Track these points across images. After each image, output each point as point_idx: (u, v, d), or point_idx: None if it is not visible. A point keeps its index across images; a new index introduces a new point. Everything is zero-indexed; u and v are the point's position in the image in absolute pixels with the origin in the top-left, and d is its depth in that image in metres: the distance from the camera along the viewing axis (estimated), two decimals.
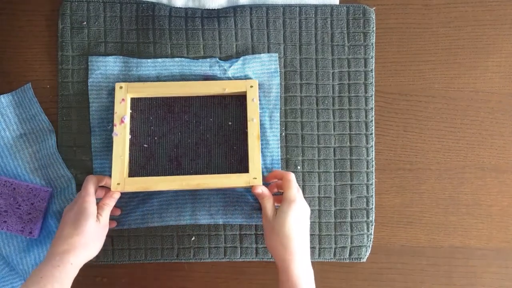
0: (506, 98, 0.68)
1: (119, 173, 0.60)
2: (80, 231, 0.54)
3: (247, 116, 0.62)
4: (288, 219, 0.56)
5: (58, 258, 0.53)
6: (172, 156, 0.64)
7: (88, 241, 0.55)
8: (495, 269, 0.68)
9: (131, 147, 0.64)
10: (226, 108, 0.65)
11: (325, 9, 0.66)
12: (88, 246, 0.55)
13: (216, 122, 0.65)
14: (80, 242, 0.54)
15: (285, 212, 0.56)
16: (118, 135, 0.62)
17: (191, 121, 0.65)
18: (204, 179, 0.61)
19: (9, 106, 0.64)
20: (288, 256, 0.55)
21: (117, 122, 0.62)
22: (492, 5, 0.67)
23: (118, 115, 0.62)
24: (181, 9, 0.66)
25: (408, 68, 0.68)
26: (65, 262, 0.53)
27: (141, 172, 0.64)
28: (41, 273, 0.51)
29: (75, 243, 0.54)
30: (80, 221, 0.55)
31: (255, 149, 0.61)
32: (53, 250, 0.54)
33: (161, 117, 0.65)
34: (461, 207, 0.68)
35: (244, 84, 0.63)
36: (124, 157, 0.61)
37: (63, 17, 0.65)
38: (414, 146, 0.68)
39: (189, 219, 0.65)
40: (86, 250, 0.55)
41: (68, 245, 0.54)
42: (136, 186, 0.60)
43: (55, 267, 0.52)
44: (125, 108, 0.62)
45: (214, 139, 0.65)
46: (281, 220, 0.56)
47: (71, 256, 0.53)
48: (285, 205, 0.57)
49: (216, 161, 0.64)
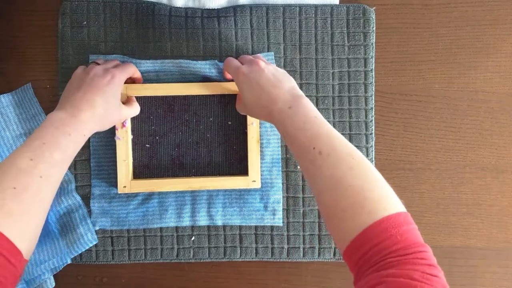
0: (506, 98, 0.68)
1: (124, 176, 0.62)
2: (107, 107, 0.51)
3: (247, 120, 0.63)
4: (245, 90, 0.53)
5: (71, 125, 0.48)
6: (174, 155, 0.65)
7: (106, 119, 0.52)
8: (495, 269, 0.68)
9: (133, 147, 0.64)
10: (226, 107, 0.65)
11: (325, 9, 0.66)
12: (103, 124, 0.52)
13: (216, 122, 0.66)
14: (102, 116, 0.51)
15: (239, 86, 0.54)
16: (120, 139, 0.62)
17: (191, 120, 0.66)
18: (205, 182, 0.63)
19: (9, 106, 0.64)
20: (268, 112, 0.51)
21: (119, 126, 0.62)
22: (492, 5, 0.67)
23: None
24: (181, 9, 0.66)
25: (408, 68, 0.68)
26: (79, 133, 0.48)
27: (145, 172, 0.65)
28: (45, 138, 0.46)
29: (98, 115, 0.50)
30: (110, 95, 0.52)
31: (255, 152, 0.63)
32: (66, 111, 0.49)
33: (162, 116, 0.65)
34: (461, 207, 0.68)
35: None
36: (128, 161, 0.62)
37: (63, 17, 0.65)
38: (414, 146, 0.68)
39: (189, 221, 0.65)
40: (98, 126, 0.52)
41: (92, 114, 0.50)
42: (141, 188, 0.63)
43: (64, 134, 0.47)
44: None
45: (214, 139, 0.66)
46: (244, 93, 0.54)
47: (87, 129, 0.49)
48: (236, 82, 0.55)
49: (216, 160, 0.65)
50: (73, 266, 0.65)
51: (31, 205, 0.43)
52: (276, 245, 0.67)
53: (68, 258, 0.64)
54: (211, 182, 0.63)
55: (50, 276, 0.64)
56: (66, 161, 0.48)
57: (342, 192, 0.41)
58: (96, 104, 0.51)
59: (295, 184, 0.67)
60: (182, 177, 0.65)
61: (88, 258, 0.66)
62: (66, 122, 0.49)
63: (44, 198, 0.44)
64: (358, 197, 0.40)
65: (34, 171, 0.44)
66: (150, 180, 0.63)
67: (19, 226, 0.41)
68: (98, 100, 0.52)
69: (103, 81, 0.53)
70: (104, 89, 0.53)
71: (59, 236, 0.64)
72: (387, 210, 0.39)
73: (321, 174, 0.43)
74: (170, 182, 0.63)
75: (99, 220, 0.65)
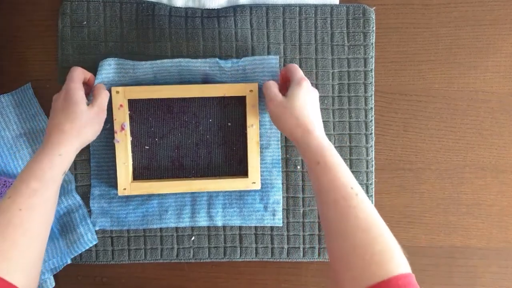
0: (506, 98, 0.68)
1: (124, 179, 0.62)
2: (72, 118, 0.53)
3: (247, 122, 0.63)
4: (299, 96, 0.56)
5: (42, 151, 0.51)
6: (174, 157, 0.65)
7: (80, 128, 0.54)
8: (495, 269, 0.68)
9: (133, 148, 0.64)
10: (226, 109, 0.65)
11: (325, 9, 0.66)
12: (81, 132, 0.54)
13: (215, 123, 0.65)
14: (72, 130, 0.53)
15: (296, 91, 0.56)
16: (119, 141, 0.62)
17: (191, 121, 0.65)
18: (205, 184, 0.63)
19: (9, 106, 0.64)
20: (304, 132, 0.54)
21: (118, 129, 0.62)
22: (492, 5, 0.67)
23: (117, 121, 0.62)
24: (181, 9, 0.66)
25: (408, 68, 0.68)
26: (50, 156, 0.51)
27: (145, 173, 0.65)
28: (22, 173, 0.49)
29: (67, 131, 0.53)
30: (69, 108, 0.54)
31: (254, 154, 0.63)
32: (46, 140, 0.52)
33: (161, 117, 0.65)
34: (461, 207, 0.68)
35: (244, 88, 0.62)
36: (128, 163, 0.62)
37: (63, 17, 0.65)
38: (414, 146, 0.68)
39: (189, 221, 0.65)
40: (79, 137, 0.54)
41: (60, 133, 0.52)
42: (141, 190, 0.63)
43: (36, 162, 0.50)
44: (124, 114, 0.62)
45: (213, 140, 0.65)
46: (292, 99, 0.56)
47: (62, 147, 0.52)
48: (294, 86, 0.56)
49: (216, 161, 0.65)
50: (73, 266, 0.65)
51: (16, 239, 0.45)
52: (276, 245, 0.67)
53: (68, 258, 0.64)
54: (211, 184, 0.63)
55: (50, 276, 0.64)
56: (47, 186, 0.50)
57: (375, 237, 0.46)
58: (60, 123, 0.54)
59: (295, 184, 0.67)
60: (182, 178, 0.65)
61: (88, 258, 0.66)
62: (39, 151, 0.52)
63: (28, 228, 0.46)
64: (388, 246, 0.45)
65: (12, 206, 0.47)
66: (150, 182, 0.63)
67: (8, 262, 0.43)
68: (61, 118, 0.54)
69: (59, 99, 0.56)
70: (62, 105, 0.55)
71: (59, 236, 0.64)
72: (408, 267, 0.45)
73: (355, 213, 0.48)
74: (170, 184, 0.63)
75: (99, 220, 0.65)
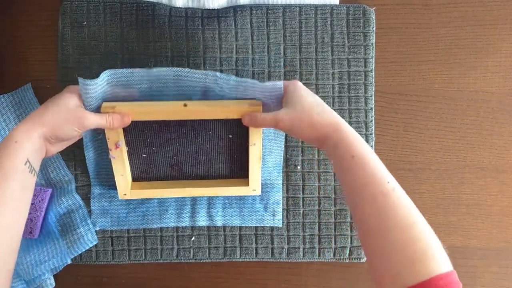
0: (506, 98, 0.68)
1: (123, 187, 0.62)
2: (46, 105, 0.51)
3: (249, 141, 0.58)
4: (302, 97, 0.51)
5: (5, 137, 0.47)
6: (173, 162, 0.63)
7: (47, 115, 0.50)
8: (495, 269, 0.68)
9: (129, 156, 0.61)
10: (227, 123, 0.59)
11: (325, 9, 0.66)
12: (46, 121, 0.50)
13: (215, 135, 0.60)
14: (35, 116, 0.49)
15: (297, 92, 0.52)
16: (115, 158, 0.59)
17: (189, 133, 0.60)
18: (205, 190, 0.63)
19: (9, 106, 0.64)
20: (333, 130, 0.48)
21: (112, 147, 0.58)
22: (492, 5, 0.67)
23: (111, 141, 0.57)
24: (181, 9, 0.66)
25: (408, 68, 0.68)
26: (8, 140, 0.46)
27: (144, 177, 0.64)
28: None
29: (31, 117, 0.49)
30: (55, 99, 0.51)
31: (256, 167, 0.61)
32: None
33: (156, 130, 0.59)
34: (461, 207, 0.68)
35: (247, 110, 0.55)
36: (126, 175, 0.61)
37: (63, 17, 0.65)
38: (414, 146, 0.68)
39: (189, 221, 0.65)
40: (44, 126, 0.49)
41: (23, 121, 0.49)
42: (142, 195, 0.62)
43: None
44: (118, 134, 0.57)
45: (214, 148, 0.62)
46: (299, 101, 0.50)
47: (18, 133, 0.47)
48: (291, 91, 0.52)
49: (216, 166, 0.64)
50: (73, 266, 0.65)
51: None
52: (276, 245, 0.67)
53: (68, 258, 0.64)
54: (211, 190, 0.63)
55: (50, 276, 0.64)
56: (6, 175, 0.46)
57: (416, 235, 0.43)
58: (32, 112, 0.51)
59: (295, 185, 0.67)
60: (182, 185, 0.63)
61: (88, 258, 0.66)
62: None
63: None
64: (430, 244, 0.43)
65: None
66: (150, 190, 0.62)
67: None
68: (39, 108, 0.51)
69: None
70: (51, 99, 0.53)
71: (59, 236, 0.64)
72: (449, 264, 0.43)
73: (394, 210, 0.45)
74: (171, 191, 0.62)
75: (99, 220, 0.65)
